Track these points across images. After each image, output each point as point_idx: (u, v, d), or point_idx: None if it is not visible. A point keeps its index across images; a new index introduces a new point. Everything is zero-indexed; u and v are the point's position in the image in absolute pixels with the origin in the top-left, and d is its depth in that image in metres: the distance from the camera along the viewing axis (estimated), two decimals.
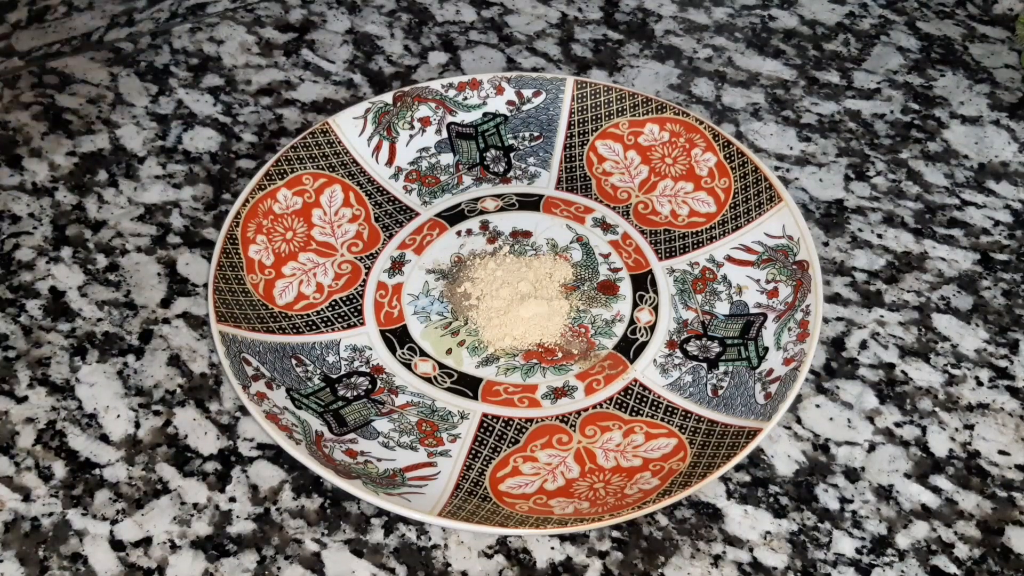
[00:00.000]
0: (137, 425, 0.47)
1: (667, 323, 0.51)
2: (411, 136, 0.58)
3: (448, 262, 0.54)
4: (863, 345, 0.51)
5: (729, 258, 0.53)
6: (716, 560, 0.43)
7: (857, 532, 0.44)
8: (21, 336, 0.51)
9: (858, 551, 0.44)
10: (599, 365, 0.49)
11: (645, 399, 0.48)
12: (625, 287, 0.53)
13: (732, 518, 0.45)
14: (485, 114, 0.59)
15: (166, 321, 0.51)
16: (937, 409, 0.49)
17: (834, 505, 0.45)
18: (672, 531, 0.44)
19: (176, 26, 0.68)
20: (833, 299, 0.53)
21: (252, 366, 0.46)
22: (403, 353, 0.50)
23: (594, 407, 0.48)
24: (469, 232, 0.55)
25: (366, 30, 0.68)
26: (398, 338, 0.50)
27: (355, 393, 0.48)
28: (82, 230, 0.55)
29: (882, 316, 0.52)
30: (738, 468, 0.46)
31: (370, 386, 0.48)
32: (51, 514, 0.44)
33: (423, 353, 0.50)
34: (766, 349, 0.48)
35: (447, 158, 0.58)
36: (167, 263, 0.54)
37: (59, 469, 0.46)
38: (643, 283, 0.53)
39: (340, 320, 0.51)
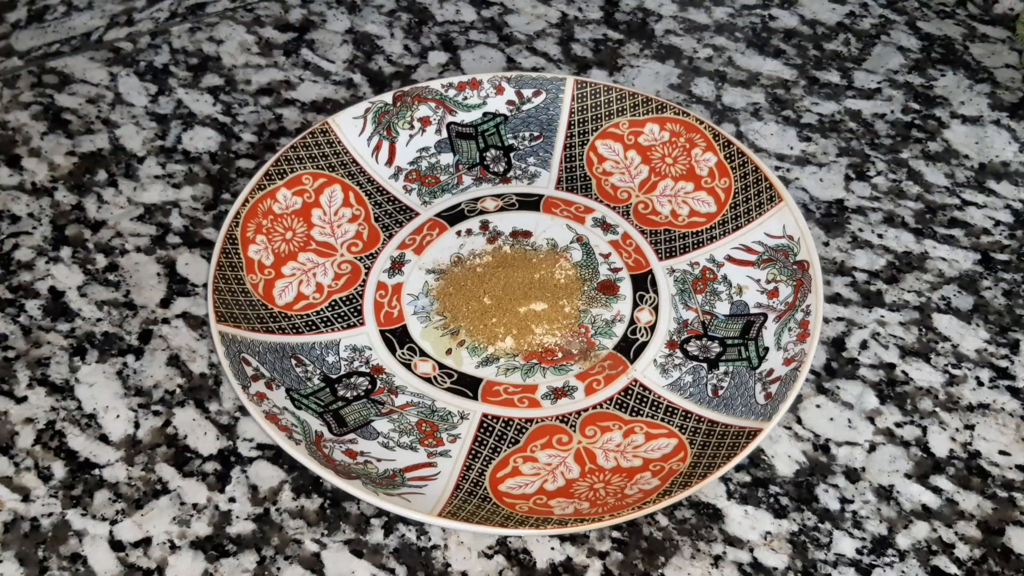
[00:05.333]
0: (137, 425, 0.47)
1: (667, 323, 0.51)
2: (411, 136, 0.58)
3: (448, 262, 0.54)
4: (863, 345, 0.51)
5: (729, 258, 0.53)
6: (716, 560, 0.43)
7: (857, 532, 0.44)
8: (21, 336, 0.50)
9: (858, 551, 0.44)
10: (599, 365, 0.49)
11: (645, 399, 0.48)
12: (625, 287, 0.52)
13: (732, 518, 0.45)
14: (485, 114, 0.59)
15: (166, 321, 0.51)
16: (938, 409, 0.49)
17: (834, 505, 0.45)
18: (672, 531, 0.44)
19: (176, 26, 0.68)
20: (833, 299, 0.53)
21: (252, 366, 0.46)
22: (403, 353, 0.50)
23: (594, 407, 0.48)
24: (469, 232, 0.55)
25: (366, 30, 0.68)
26: (398, 338, 0.50)
27: (355, 393, 0.48)
28: (81, 230, 0.55)
29: (882, 316, 0.52)
30: (738, 468, 0.46)
31: (370, 386, 0.48)
32: (51, 514, 0.44)
33: (423, 353, 0.50)
34: (766, 349, 0.48)
35: (447, 158, 0.58)
36: (167, 263, 0.54)
37: (58, 469, 0.46)
38: (643, 283, 0.53)
39: (340, 320, 0.51)
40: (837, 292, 0.53)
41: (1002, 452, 0.47)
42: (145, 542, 0.43)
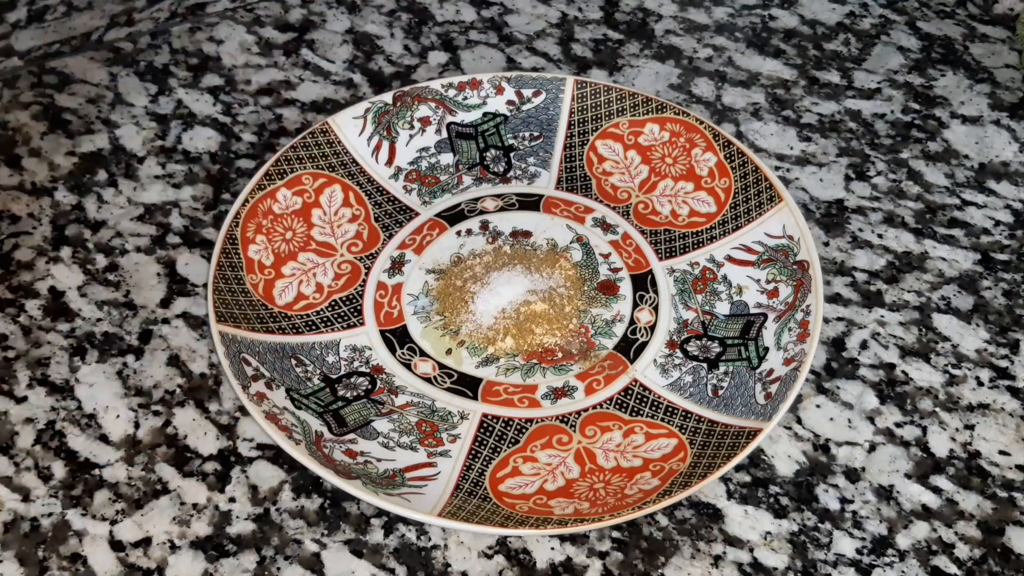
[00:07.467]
0: (137, 425, 0.47)
1: (667, 323, 0.51)
2: (411, 136, 0.58)
3: (448, 262, 0.54)
4: (863, 345, 0.51)
5: (729, 258, 0.53)
6: (716, 560, 0.43)
7: (857, 532, 0.44)
8: (21, 336, 0.50)
9: (858, 551, 0.44)
10: (599, 365, 0.49)
11: (645, 399, 0.48)
12: (625, 287, 0.52)
13: (732, 518, 0.45)
14: (485, 114, 0.59)
15: (166, 321, 0.51)
16: (937, 409, 0.49)
17: (834, 505, 0.45)
18: (672, 531, 0.44)
19: (176, 26, 0.68)
20: (833, 299, 0.53)
21: (252, 366, 0.46)
22: (403, 353, 0.50)
23: (594, 407, 0.48)
24: (469, 232, 0.55)
25: (366, 30, 0.68)
26: (398, 338, 0.50)
27: (355, 393, 0.48)
28: (81, 230, 0.55)
29: (882, 316, 0.52)
30: (738, 468, 0.46)
31: (370, 386, 0.48)
32: (51, 514, 0.44)
33: (423, 353, 0.50)
34: (766, 349, 0.48)
35: (447, 158, 0.58)
36: (166, 263, 0.54)
37: (58, 469, 0.46)
38: (643, 283, 0.53)
39: (340, 320, 0.51)
40: (837, 292, 0.53)
41: (1002, 452, 0.47)
42: (145, 542, 0.43)
